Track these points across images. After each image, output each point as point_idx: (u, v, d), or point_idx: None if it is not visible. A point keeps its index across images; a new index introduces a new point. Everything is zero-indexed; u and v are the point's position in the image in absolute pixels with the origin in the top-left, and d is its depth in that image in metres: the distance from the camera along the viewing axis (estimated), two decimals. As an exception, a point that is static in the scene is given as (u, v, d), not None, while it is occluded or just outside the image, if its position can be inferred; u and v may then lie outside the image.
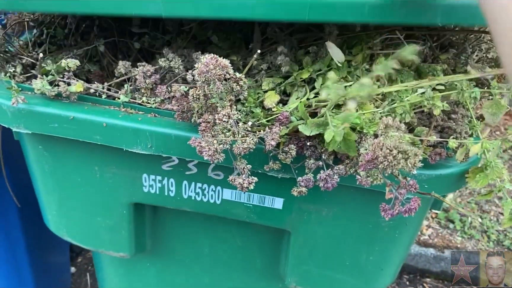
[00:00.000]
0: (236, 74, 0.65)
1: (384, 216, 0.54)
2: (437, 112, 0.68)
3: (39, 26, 1.01)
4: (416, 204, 0.51)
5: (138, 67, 0.82)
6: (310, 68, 0.85)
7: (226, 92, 0.67)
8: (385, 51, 0.87)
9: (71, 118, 0.81)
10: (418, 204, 0.51)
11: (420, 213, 0.84)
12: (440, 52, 0.97)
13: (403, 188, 0.53)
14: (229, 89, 0.66)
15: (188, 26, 1.08)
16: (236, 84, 0.65)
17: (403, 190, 0.53)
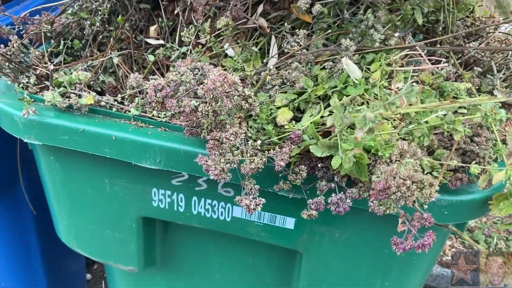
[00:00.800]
0: (245, 91, 0.62)
1: (395, 250, 0.50)
2: (458, 137, 0.63)
3: (56, 37, 1.01)
4: (430, 240, 0.47)
5: (150, 80, 0.81)
6: (326, 84, 0.82)
7: (235, 110, 0.65)
8: (405, 68, 0.84)
9: (81, 131, 0.80)
10: (432, 239, 0.47)
11: (440, 239, 0.79)
12: (464, 70, 0.92)
13: (417, 221, 0.49)
14: (238, 106, 0.64)
15: (204, 39, 1.07)
16: (245, 102, 0.62)
17: (417, 223, 0.49)
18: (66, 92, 0.82)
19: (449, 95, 0.83)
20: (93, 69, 0.99)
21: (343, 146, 0.60)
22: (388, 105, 0.46)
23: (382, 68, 0.83)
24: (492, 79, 0.84)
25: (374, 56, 0.86)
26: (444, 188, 0.70)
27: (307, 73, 0.87)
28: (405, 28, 0.93)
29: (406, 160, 0.51)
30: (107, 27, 1.10)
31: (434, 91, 0.83)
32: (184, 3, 1.14)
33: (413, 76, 0.84)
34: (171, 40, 1.12)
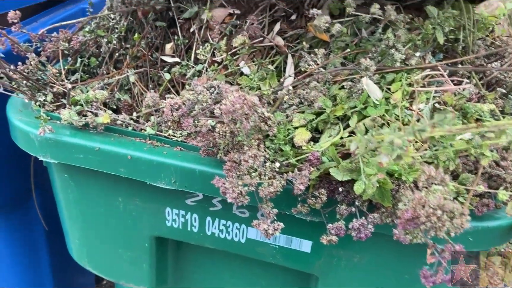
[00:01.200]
0: (264, 113, 0.61)
1: (425, 283, 0.48)
2: (485, 162, 0.61)
3: (73, 55, 1.02)
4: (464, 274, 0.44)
5: (166, 99, 0.80)
6: (345, 104, 0.80)
7: (254, 131, 0.63)
8: (427, 88, 0.82)
9: (96, 149, 0.79)
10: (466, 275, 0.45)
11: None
12: (487, 90, 0.90)
13: (448, 253, 0.47)
14: (257, 128, 0.62)
15: (220, 57, 1.06)
16: (264, 124, 0.61)
17: (447, 254, 0.47)
18: (82, 110, 0.81)
19: (473, 116, 0.80)
20: (109, 87, 0.99)
21: (366, 170, 0.58)
22: (418, 132, 0.44)
23: (403, 88, 0.81)
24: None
25: (395, 76, 0.84)
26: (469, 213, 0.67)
27: (325, 93, 0.85)
28: (426, 47, 0.91)
29: (434, 187, 0.49)
30: (124, 45, 1.11)
31: (457, 112, 0.81)
32: (200, 22, 1.14)
33: (435, 96, 0.82)
34: (186, 58, 1.12)
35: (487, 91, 0.89)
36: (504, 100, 0.86)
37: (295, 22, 1.08)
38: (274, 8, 1.11)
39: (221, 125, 0.68)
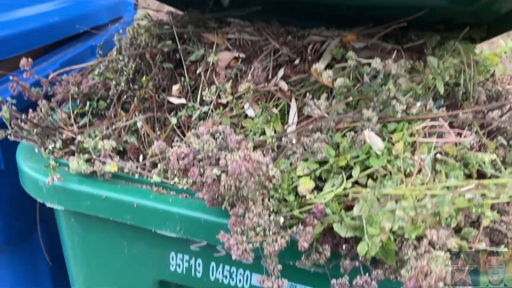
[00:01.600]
0: (269, 172, 0.62)
1: None
2: (486, 223, 0.62)
3: (82, 98, 1.04)
4: None
5: (173, 147, 0.82)
6: (348, 154, 0.82)
7: (258, 187, 0.65)
8: (428, 139, 0.83)
9: (103, 197, 0.81)
10: None
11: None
12: (488, 138, 0.91)
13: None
14: (261, 184, 0.64)
15: (226, 99, 1.08)
16: (269, 182, 0.62)
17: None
18: (90, 158, 0.83)
19: (474, 167, 0.81)
20: (117, 129, 1.02)
21: (369, 230, 0.59)
22: (419, 208, 0.46)
23: (405, 139, 0.82)
24: (518, 151, 0.83)
25: (396, 125, 0.86)
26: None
27: (328, 141, 0.87)
28: (426, 95, 0.93)
29: (436, 254, 0.50)
30: (131, 86, 1.13)
31: (458, 162, 0.82)
32: (206, 64, 1.17)
33: (436, 146, 0.83)
34: (193, 99, 1.15)
35: (488, 139, 0.90)
36: (505, 149, 0.87)
37: (299, 66, 1.11)
38: (278, 53, 1.14)
39: (226, 177, 0.70)
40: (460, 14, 1.35)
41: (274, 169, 0.64)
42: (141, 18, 1.34)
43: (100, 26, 1.57)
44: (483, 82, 1.11)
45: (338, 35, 1.26)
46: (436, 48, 1.28)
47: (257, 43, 1.19)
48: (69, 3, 1.42)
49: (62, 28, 1.32)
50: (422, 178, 0.79)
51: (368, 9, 1.49)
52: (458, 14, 1.36)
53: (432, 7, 1.35)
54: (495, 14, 1.26)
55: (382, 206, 0.53)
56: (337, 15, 1.61)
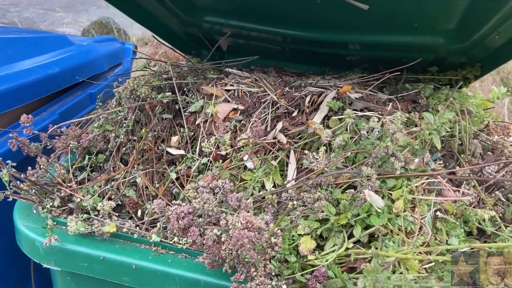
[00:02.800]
0: (271, 239, 0.62)
1: None
2: None
3: (82, 152, 1.04)
4: None
5: (172, 207, 0.82)
6: (348, 213, 0.82)
7: (260, 254, 0.64)
8: (428, 197, 0.83)
9: (101, 258, 0.79)
10: None
11: None
12: (486, 192, 0.92)
13: None
14: (263, 251, 0.63)
15: (225, 151, 1.09)
16: (271, 250, 0.62)
17: None
18: (89, 217, 0.82)
19: (474, 224, 0.82)
20: (116, 183, 1.01)
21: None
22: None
23: (405, 196, 0.83)
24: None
25: (395, 182, 0.86)
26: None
27: (328, 197, 0.87)
28: (424, 149, 0.95)
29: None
30: (131, 138, 1.14)
31: (458, 220, 0.82)
32: (205, 115, 1.19)
33: (435, 203, 0.84)
34: (192, 151, 1.15)
35: (486, 193, 0.91)
36: (504, 205, 0.87)
37: (297, 118, 1.13)
38: (276, 105, 1.15)
39: (227, 242, 0.69)
40: (452, 53, 1.39)
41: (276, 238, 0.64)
42: (141, 68, 1.37)
43: (100, 74, 1.59)
44: (478, 133, 1.13)
45: (334, 85, 1.28)
46: (430, 97, 1.31)
47: (255, 94, 1.21)
48: (70, 53, 1.45)
49: (62, 79, 1.34)
50: (423, 237, 0.79)
51: (362, 49, 1.53)
52: (450, 54, 1.39)
53: (424, 47, 1.38)
54: (487, 51, 1.29)
55: (385, 277, 0.52)
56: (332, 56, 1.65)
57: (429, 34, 1.30)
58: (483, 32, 1.19)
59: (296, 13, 1.33)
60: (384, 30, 1.32)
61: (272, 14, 1.36)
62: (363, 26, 1.33)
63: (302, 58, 1.79)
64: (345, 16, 1.28)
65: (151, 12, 1.38)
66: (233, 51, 1.85)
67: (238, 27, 1.47)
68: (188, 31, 1.58)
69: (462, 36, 1.27)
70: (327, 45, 1.49)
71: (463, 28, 1.22)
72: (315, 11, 1.27)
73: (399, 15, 1.23)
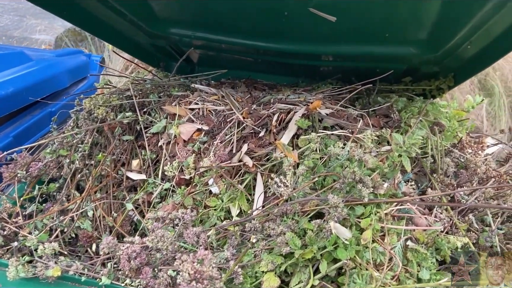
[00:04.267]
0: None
1: None
2: None
3: (31, 181, 0.97)
4: None
5: (123, 246, 0.75)
6: (314, 245, 0.76)
7: (213, 304, 0.58)
8: (397, 226, 0.79)
9: (45, 305, 0.72)
10: None
11: None
12: (459, 216, 0.87)
13: None
14: (216, 302, 0.57)
15: (189, 175, 1.02)
16: (223, 301, 0.56)
17: None
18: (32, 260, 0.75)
19: (446, 253, 0.77)
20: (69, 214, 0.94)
21: None
22: None
23: (374, 225, 0.78)
24: (491, 235, 0.79)
25: (364, 209, 0.82)
26: None
27: (294, 227, 0.81)
28: (394, 172, 0.90)
29: None
30: (87, 163, 1.07)
31: (430, 249, 0.78)
32: (168, 136, 1.12)
33: (406, 231, 0.79)
34: (153, 175, 1.08)
35: (459, 216, 0.87)
36: (477, 232, 0.83)
37: (264, 138, 1.07)
38: (242, 125, 1.10)
39: None
40: (425, 63, 1.36)
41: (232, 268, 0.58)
42: (102, 86, 1.29)
43: (62, 90, 1.51)
44: (451, 150, 1.09)
45: (304, 101, 1.23)
46: (403, 111, 1.27)
47: (221, 113, 1.15)
48: (27, 70, 1.36)
49: (17, 98, 1.26)
50: (393, 271, 0.74)
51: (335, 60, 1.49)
52: (423, 64, 1.36)
53: (397, 57, 1.35)
54: (459, 61, 1.26)
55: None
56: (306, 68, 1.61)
57: (401, 44, 1.27)
58: (455, 41, 1.16)
59: (265, 26, 1.27)
60: (355, 41, 1.29)
61: (240, 26, 1.31)
62: (334, 37, 1.29)
63: (275, 70, 1.74)
64: (315, 28, 1.23)
65: (113, 26, 1.30)
66: (204, 63, 1.79)
67: (207, 39, 1.41)
68: (156, 43, 1.51)
69: (434, 46, 1.24)
70: (300, 57, 1.45)
71: (434, 38, 1.19)
72: (284, 23, 1.22)
73: (369, 26, 1.19)
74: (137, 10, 1.22)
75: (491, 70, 4.24)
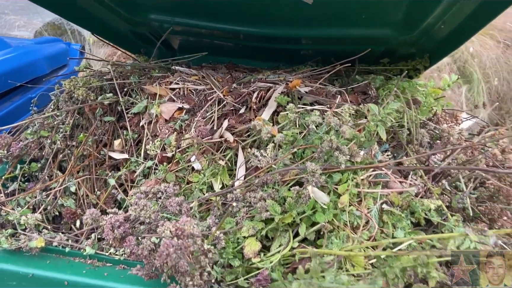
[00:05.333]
0: (204, 246, 0.58)
1: None
2: (433, 284, 0.60)
3: (13, 161, 0.97)
4: None
5: (107, 216, 0.76)
6: (293, 211, 0.79)
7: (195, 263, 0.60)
8: (373, 190, 0.82)
9: (30, 276, 0.73)
10: None
11: None
12: (433, 181, 0.91)
13: None
14: (197, 261, 0.59)
15: (171, 153, 1.04)
16: (205, 257, 0.58)
17: None
18: (16, 232, 0.76)
19: (420, 215, 0.80)
20: (51, 193, 0.94)
21: (312, 303, 0.55)
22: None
23: (350, 190, 0.81)
24: (462, 197, 0.82)
25: (341, 176, 0.84)
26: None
27: (274, 195, 0.83)
28: (371, 142, 0.93)
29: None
30: (69, 144, 1.07)
31: (405, 211, 0.81)
32: (149, 116, 1.13)
33: (382, 196, 0.82)
34: (136, 154, 1.09)
35: (433, 182, 0.90)
36: (450, 192, 0.87)
37: (244, 115, 1.09)
38: (223, 102, 1.11)
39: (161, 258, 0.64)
40: (402, 44, 1.40)
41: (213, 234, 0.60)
42: (82, 68, 1.29)
43: (41, 76, 1.50)
44: (426, 123, 1.13)
45: (283, 80, 1.25)
46: (381, 88, 1.31)
47: (202, 92, 1.17)
48: (5, 56, 1.35)
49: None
50: (369, 232, 0.77)
51: (315, 43, 1.52)
52: (400, 45, 1.40)
53: (375, 39, 1.39)
54: (434, 41, 1.30)
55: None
56: (286, 52, 1.63)
57: (378, 26, 1.30)
58: (429, 21, 1.20)
59: (244, 10, 1.29)
60: (333, 24, 1.31)
61: (219, 11, 1.32)
62: (313, 21, 1.32)
63: (256, 55, 1.76)
64: (294, 12, 1.25)
65: (91, 13, 1.30)
66: (185, 49, 1.79)
67: (187, 24, 1.42)
68: (136, 30, 1.51)
69: (410, 27, 1.27)
70: (280, 41, 1.47)
71: (409, 19, 1.22)
72: (264, 8, 1.24)
73: (346, 9, 1.22)
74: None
75: (470, 57, 4.33)
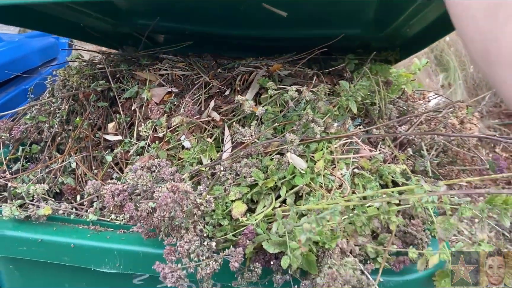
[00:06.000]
0: (196, 200, 0.67)
1: None
2: (393, 227, 0.70)
3: (15, 143, 1.04)
4: None
5: (107, 185, 0.85)
6: (275, 176, 0.88)
7: (188, 216, 0.69)
8: (346, 156, 0.92)
9: (39, 241, 0.81)
10: None
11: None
12: (399, 150, 1.02)
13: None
14: (191, 213, 0.68)
15: (162, 133, 1.12)
16: (197, 209, 0.67)
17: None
18: (24, 203, 0.83)
19: (387, 178, 0.91)
20: (52, 171, 1.02)
21: (291, 245, 0.65)
22: (320, 219, 0.52)
23: (325, 157, 0.90)
24: (423, 161, 0.93)
25: (317, 145, 0.94)
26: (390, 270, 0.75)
27: (258, 165, 0.93)
28: (344, 116, 1.03)
29: (345, 260, 0.56)
30: (66, 128, 1.15)
31: (374, 175, 0.91)
32: (140, 100, 1.21)
33: (353, 162, 0.92)
34: (129, 135, 1.18)
35: (400, 151, 1.01)
36: (415, 159, 0.97)
37: (229, 97, 1.18)
38: (209, 86, 1.20)
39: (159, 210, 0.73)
40: (374, 39, 1.52)
41: (203, 197, 0.69)
42: (73, 59, 1.36)
43: (33, 69, 1.56)
44: (396, 100, 1.24)
45: (265, 65, 1.35)
46: (355, 71, 1.41)
47: (189, 77, 1.25)
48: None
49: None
50: (343, 192, 0.87)
51: (294, 40, 1.62)
52: (373, 40, 1.52)
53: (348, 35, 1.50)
54: (403, 39, 1.43)
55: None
56: (267, 46, 1.73)
57: (348, 28, 1.44)
58: (396, 25, 1.33)
59: (224, 17, 1.39)
60: (308, 26, 1.44)
61: (201, 18, 1.41)
62: (289, 23, 1.43)
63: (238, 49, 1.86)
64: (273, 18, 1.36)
65: (79, 25, 1.36)
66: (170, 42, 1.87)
67: (171, 27, 1.51)
68: (121, 31, 1.58)
69: (378, 28, 1.41)
70: (260, 40, 1.58)
71: (378, 22, 1.36)
72: (242, 14, 1.33)
73: (317, 15, 1.35)
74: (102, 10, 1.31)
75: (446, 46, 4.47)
